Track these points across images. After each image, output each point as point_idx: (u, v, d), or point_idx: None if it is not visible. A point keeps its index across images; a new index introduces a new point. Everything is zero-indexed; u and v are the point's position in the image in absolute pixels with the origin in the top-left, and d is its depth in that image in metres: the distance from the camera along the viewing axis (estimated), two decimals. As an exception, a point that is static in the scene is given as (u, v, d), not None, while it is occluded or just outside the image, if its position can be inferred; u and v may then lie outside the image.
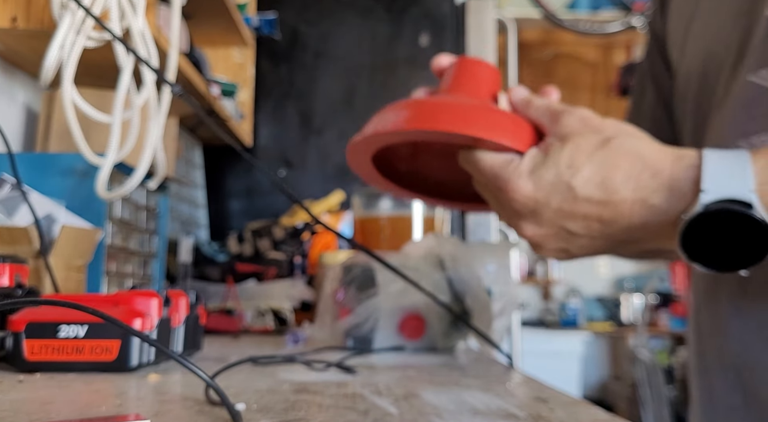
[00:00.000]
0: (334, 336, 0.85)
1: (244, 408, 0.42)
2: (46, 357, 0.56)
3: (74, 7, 0.86)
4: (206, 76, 1.48)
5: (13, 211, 0.89)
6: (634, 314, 4.65)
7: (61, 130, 1.09)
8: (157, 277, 1.21)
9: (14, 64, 1.13)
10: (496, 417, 0.40)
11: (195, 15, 1.47)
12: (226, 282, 1.28)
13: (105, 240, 0.99)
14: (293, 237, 1.38)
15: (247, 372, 0.60)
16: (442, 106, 0.52)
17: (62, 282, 0.82)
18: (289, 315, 1.24)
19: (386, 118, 0.53)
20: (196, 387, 0.49)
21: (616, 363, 4.72)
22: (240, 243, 1.39)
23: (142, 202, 1.14)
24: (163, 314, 0.61)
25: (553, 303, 4.93)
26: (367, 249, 0.64)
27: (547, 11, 2.49)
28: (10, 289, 0.66)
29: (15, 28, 0.96)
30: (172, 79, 1.01)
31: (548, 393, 0.50)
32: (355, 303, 0.83)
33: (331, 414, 0.40)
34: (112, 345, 0.56)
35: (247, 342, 1.01)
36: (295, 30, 2.02)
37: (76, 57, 0.87)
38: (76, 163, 0.97)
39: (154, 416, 0.39)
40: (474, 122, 0.51)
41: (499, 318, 0.86)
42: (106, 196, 0.91)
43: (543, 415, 0.41)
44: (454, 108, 0.52)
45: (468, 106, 0.53)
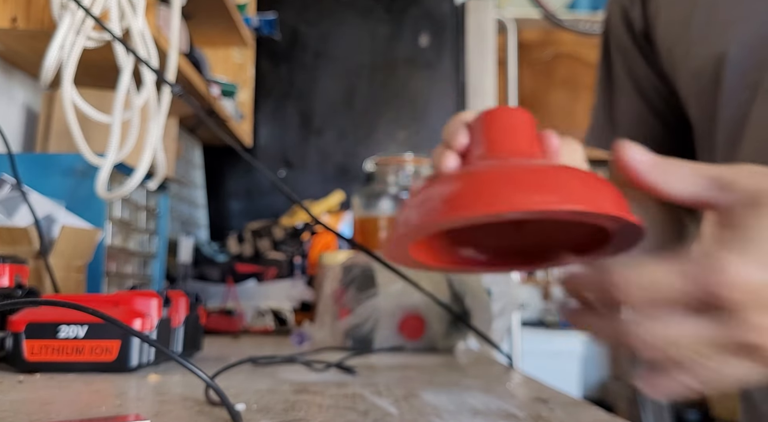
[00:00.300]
0: (334, 336, 0.85)
1: (244, 408, 0.42)
2: (46, 358, 0.56)
3: (74, 8, 0.86)
4: (206, 76, 1.48)
5: (13, 211, 0.89)
6: (634, 314, 4.65)
7: (60, 130, 1.09)
8: (157, 278, 1.21)
9: (14, 64, 1.13)
10: (496, 417, 0.40)
11: (195, 15, 1.48)
12: (226, 283, 1.28)
13: (105, 240, 0.99)
14: (293, 238, 1.38)
15: (247, 372, 0.60)
16: (515, 177, 0.38)
17: (62, 283, 0.82)
18: (289, 316, 1.24)
19: (444, 200, 0.39)
20: (196, 388, 0.49)
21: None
22: (240, 244, 1.39)
23: (142, 202, 1.14)
24: (163, 314, 0.61)
25: (553, 303, 4.93)
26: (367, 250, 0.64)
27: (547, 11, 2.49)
28: (10, 290, 0.66)
29: (15, 28, 0.96)
30: (172, 79, 1.01)
31: (548, 393, 0.50)
32: (355, 303, 0.83)
33: (331, 414, 0.40)
34: (112, 346, 0.56)
35: (247, 342, 1.01)
36: (295, 30, 2.02)
37: (75, 57, 0.87)
38: (76, 164, 0.97)
39: (154, 416, 0.39)
40: (572, 192, 0.38)
41: (499, 319, 0.86)
42: (106, 197, 0.91)
43: (543, 415, 0.41)
44: (532, 177, 0.38)
45: (550, 170, 0.39)
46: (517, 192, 0.37)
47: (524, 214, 0.39)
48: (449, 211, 0.38)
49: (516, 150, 0.44)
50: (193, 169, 1.76)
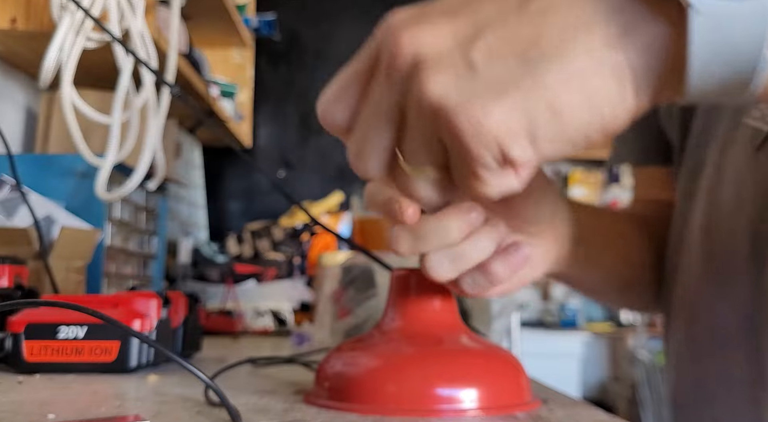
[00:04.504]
0: (333, 336, 0.85)
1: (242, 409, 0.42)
2: (46, 358, 0.56)
3: (73, 9, 0.86)
4: (205, 77, 1.48)
5: (12, 212, 0.89)
6: (634, 315, 4.65)
7: (60, 131, 1.09)
8: (156, 278, 1.21)
9: (14, 65, 1.13)
10: (495, 417, 0.40)
11: (194, 16, 1.48)
12: (226, 283, 1.28)
13: (104, 241, 0.99)
14: (292, 238, 1.38)
15: (246, 372, 0.60)
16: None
17: (62, 283, 0.82)
18: (289, 316, 1.24)
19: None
20: (195, 388, 0.49)
21: (616, 364, 4.73)
22: (239, 244, 1.39)
23: (142, 202, 1.14)
24: (163, 315, 0.61)
25: (553, 303, 4.93)
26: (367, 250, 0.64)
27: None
28: (10, 290, 0.65)
29: (14, 29, 0.96)
30: (172, 80, 1.01)
31: (548, 393, 0.50)
32: (355, 304, 0.83)
33: (330, 415, 0.40)
34: (112, 346, 0.56)
35: (247, 343, 1.01)
36: (295, 31, 2.02)
37: (75, 58, 0.87)
38: (76, 164, 0.97)
39: (153, 417, 0.39)
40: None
41: (499, 319, 0.86)
42: (105, 197, 0.91)
43: (543, 416, 0.41)
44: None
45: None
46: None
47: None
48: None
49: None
50: (192, 169, 1.76)
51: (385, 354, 0.43)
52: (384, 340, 0.44)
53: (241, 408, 0.41)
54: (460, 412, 0.40)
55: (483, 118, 0.29)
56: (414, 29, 0.31)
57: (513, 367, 0.44)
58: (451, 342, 0.44)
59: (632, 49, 0.29)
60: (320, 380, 0.45)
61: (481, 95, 0.29)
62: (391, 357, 0.42)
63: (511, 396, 0.42)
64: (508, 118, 0.29)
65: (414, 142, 0.33)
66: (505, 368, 0.43)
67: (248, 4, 1.84)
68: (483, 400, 0.40)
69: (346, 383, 0.42)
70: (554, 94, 0.29)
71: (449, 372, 0.41)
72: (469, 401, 0.40)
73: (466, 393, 0.40)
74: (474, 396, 0.40)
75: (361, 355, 0.43)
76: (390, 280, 0.47)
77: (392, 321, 0.45)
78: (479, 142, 0.30)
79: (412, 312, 0.45)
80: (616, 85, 0.30)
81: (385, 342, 0.44)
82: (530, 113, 0.29)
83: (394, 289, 0.47)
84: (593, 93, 0.29)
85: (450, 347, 0.44)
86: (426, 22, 0.31)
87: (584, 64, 0.29)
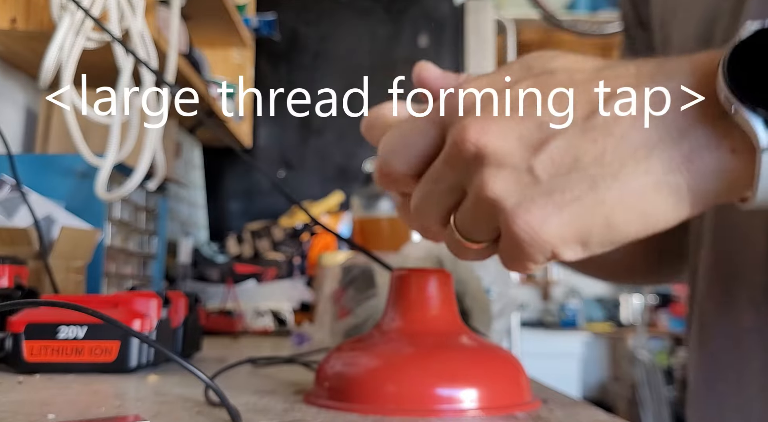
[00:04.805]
0: (333, 336, 0.85)
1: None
2: (46, 359, 0.56)
3: (73, 8, 0.86)
4: (205, 77, 1.48)
5: (12, 212, 0.89)
6: (634, 315, 4.65)
7: (60, 131, 1.09)
8: (156, 278, 1.21)
9: (14, 65, 1.13)
10: (495, 417, 0.40)
11: (194, 16, 1.47)
12: (226, 283, 1.28)
13: (104, 241, 0.99)
14: (292, 238, 1.38)
15: (246, 372, 0.60)
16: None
17: (62, 283, 0.82)
18: (289, 316, 1.24)
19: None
20: (195, 388, 0.49)
21: (616, 364, 4.73)
22: (239, 244, 1.39)
23: (142, 202, 1.14)
24: (163, 315, 0.61)
25: (553, 303, 4.93)
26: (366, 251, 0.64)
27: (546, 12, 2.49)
28: (10, 290, 0.65)
29: (14, 29, 0.96)
30: (172, 80, 1.01)
31: (548, 393, 0.50)
32: (355, 303, 0.83)
33: (330, 415, 0.40)
34: (112, 346, 0.56)
35: (247, 343, 1.01)
36: (295, 31, 2.02)
37: (75, 58, 0.87)
38: (76, 164, 0.97)
39: (153, 417, 0.39)
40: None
41: (499, 319, 0.86)
42: (105, 197, 0.91)
43: (542, 416, 0.41)
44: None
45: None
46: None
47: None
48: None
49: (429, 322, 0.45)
50: (192, 169, 1.76)
51: (385, 354, 0.43)
52: (384, 340, 0.45)
53: (241, 408, 0.41)
54: (460, 412, 0.40)
55: (540, 228, 0.31)
56: (482, 124, 0.33)
57: (513, 367, 0.44)
58: (451, 342, 0.44)
59: (694, 174, 0.30)
60: (320, 380, 0.45)
61: (540, 204, 0.31)
62: (391, 357, 0.42)
63: (511, 396, 0.42)
64: (565, 231, 0.31)
65: (468, 221, 0.35)
66: (505, 368, 0.44)
67: (248, 4, 1.84)
68: (483, 400, 0.41)
69: (346, 383, 0.42)
70: (612, 210, 0.31)
71: (449, 372, 0.41)
72: (469, 401, 0.40)
73: (466, 393, 0.40)
74: (474, 396, 0.40)
75: (361, 355, 0.43)
76: (390, 280, 0.47)
77: (392, 321, 0.46)
78: (533, 246, 0.32)
79: (412, 312, 0.45)
80: (674, 203, 0.31)
81: (385, 342, 0.44)
82: (586, 226, 0.31)
83: (394, 289, 0.47)
84: (650, 211, 0.31)
85: (450, 347, 0.44)
86: (493, 120, 0.33)
87: (644, 185, 0.31)
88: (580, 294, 4.83)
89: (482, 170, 0.32)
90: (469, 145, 0.32)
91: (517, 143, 0.32)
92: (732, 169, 0.30)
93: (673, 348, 4.39)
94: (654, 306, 4.56)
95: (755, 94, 0.29)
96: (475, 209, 0.34)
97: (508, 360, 0.44)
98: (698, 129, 0.30)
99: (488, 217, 0.33)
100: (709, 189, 0.31)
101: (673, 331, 4.39)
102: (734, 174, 0.30)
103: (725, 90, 0.29)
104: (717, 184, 0.31)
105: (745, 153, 0.30)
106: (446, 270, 0.49)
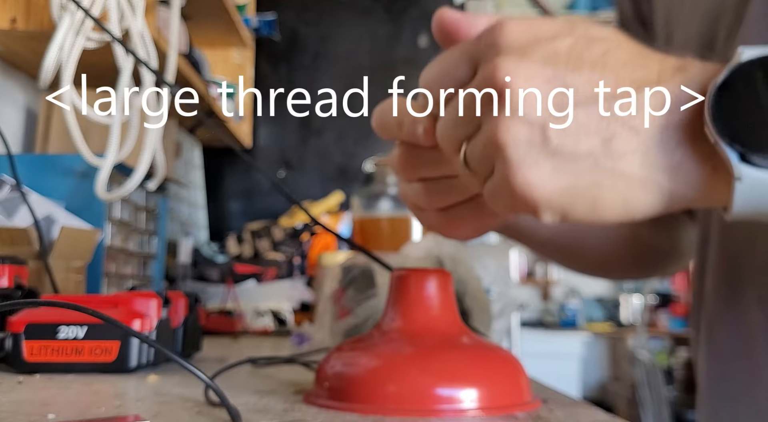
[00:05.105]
0: (333, 336, 0.85)
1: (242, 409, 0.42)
2: (46, 358, 0.56)
3: (73, 8, 0.86)
4: (205, 77, 1.48)
5: (12, 212, 0.89)
6: (634, 315, 4.66)
7: (60, 131, 1.09)
8: (156, 278, 1.21)
9: (14, 65, 1.13)
10: (495, 417, 0.40)
11: (194, 16, 1.48)
12: (226, 283, 1.28)
13: (104, 241, 0.99)
14: (292, 238, 1.38)
15: (246, 372, 0.60)
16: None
17: (62, 283, 0.82)
18: (289, 316, 1.24)
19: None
20: (195, 388, 0.49)
21: (616, 364, 4.73)
22: (239, 244, 1.39)
23: (142, 202, 1.14)
24: (163, 315, 0.61)
25: (553, 303, 4.94)
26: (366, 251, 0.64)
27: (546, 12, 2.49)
28: (10, 290, 0.65)
29: (14, 29, 0.96)
30: (172, 80, 1.01)
31: (548, 393, 0.50)
32: (355, 303, 0.83)
33: (330, 415, 0.40)
34: (112, 346, 0.56)
35: (247, 343, 1.01)
36: (295, 31, 2.02)
37: (75, 58, 0.87)
38: (76, 164, 0.97)
39: (153, 417, 0.39)
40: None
41: (499, 319, 0.86)
42: (105, 197, 0.91)
43: (542, 416, 0.41)
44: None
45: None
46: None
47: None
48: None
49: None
50: (192, 169, 1.76)
51: (385, 354, 0.43)
52: (384, 340, 0.45)
53: (241, 408, 0.41)
54: (460, 412, 0.40)
55: (534, 187, 0.33)
56: (515, 65, 0.34)
57: (513, 367, 0.44)
58: (451, 342, 0.44)
59: (678, 181, 0.33)
60: (320, 380, 0.45)
61: (542, 166, 0.33)
62: (391, 357, 0.42)
63: (511, 396, 0.42)
64: (555, 198, 0.33)
65: (475, 154, 0.36)
66: (505, 368, 0.44)
67: (248, 4, 1.84)
68: (483, 400, 0.41)
69: (346, 383, 0.42)
70: (601, 193, 0.33)
71: (449, 372, 0.41)
72: (469, 401, 0.40)
73: (466, 393, 0.40)
74: (474, 396, 0.40)
75: (361, 355, 0.43)
76: (390, 280, 0.47)
77: (392, 321, 0.46)
78: (520, 200, 0.34)
79: (412, 312, 0.45)
80: (653, 201, 0.34)
81: (385, 342, 0.44)
82: (575, 199, 0.34)
83: (394, 289, 0.47)
84: (632, 201, 0.34)
85: (450, 347, 0.44)
86: (527, 66, 0.34)
87: (635, 178, 0.33)
88: (580, 294, 4.84)
89: (500, 113, 0.33)
90: (498, 83, 0.33)
91: (542, 98, 0.33)
92: (711, 184, 0.33)
93: (673, 348, 4.39)
94: (654, 306, 4.56)
95: (733, 131, 0.32)
96: (483, 146, 0.35)
97: (508, 360, 0.44)
98: (690, 143, 0.33)
99: (490, 157, 0.34)
100: (687, 196, 0.34)
101: (673, 331, 4.39)
102: (712, 189, 0.33)
103: (708, 122, 0.32)
104: (695, 193, 0.34)
105: (724, 174, 0.32)
106: (446, 270, 0.49)
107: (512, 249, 0.94)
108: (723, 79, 0.32)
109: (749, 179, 0.32)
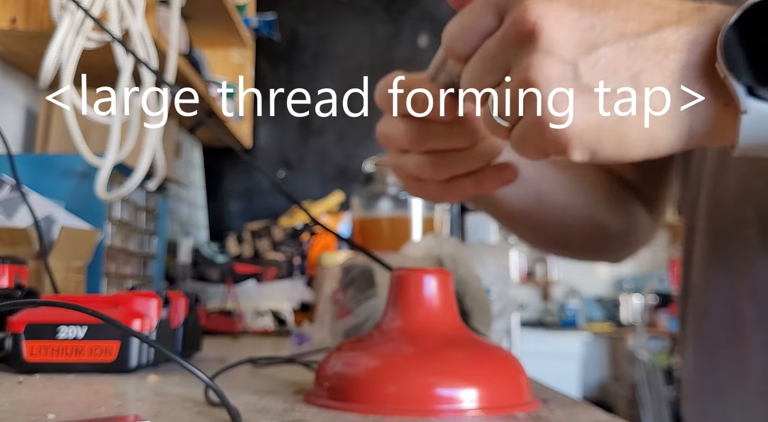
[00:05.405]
0: (333, 336, 0.85)
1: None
2: (46, 359, 0.56)
3: (73, 8, 0.86)
4: (205, 77, 1.48)
5: (12, 212, 0.89)
6: (634, 315, 4.66)
7: (60, 131, 1.09)
8: (156, 278, 1.21)
9: (14, 65, 1.13)
10: (495, 417, 0.40)
11: (194, 16, 1.48)
12: (226, 283, 1.28)
13: (104, 241, 0.99)
14: (292, 238, 1.38)
15: (246, 372, 0.60)
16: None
17: (62, 283, 0.82)
18: (289, 316, 1.24)
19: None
20: (195, 388, 0.49)
21: (616, 364, 4.73)
22: (239, 244, 1.39)
23: (142, 202, 1.14)
24: (163, 315, 0.61)
25: (553, 303, 4.93)
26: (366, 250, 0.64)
27: None
28: (10, 290, 0.65)
29: (14, 29, 0.96)
30: (172, 80, 1.01)
31: (548, 393, 0.50)
32: (355, 303, 0.83)
33: (330, 415, 0.40)
34: (112, 346, 0.56)
35: (247, 343, 1.01)
36: (294, 31, 2.02)
37: (75, 58, 0.87)
38: (76, 164, 0.97)
39: (153, 417, 0.39)
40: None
41: (499, 319, 0.86)
42: (105, 197, 0.91)
43: (542, 416, 0.41)
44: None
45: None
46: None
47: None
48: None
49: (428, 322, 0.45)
50: (192, 169, 1.76)
51: (385, 354, 0.43)
52: (384, 340, 0.45)
53: (241, 408, 0.41)
54: (460, 412, 0.40)
55: (565, 124, 0.34)
56: (545, 7, 0.35)
57: (513, 367, 0.44)
58: (451, 342, 0.44)
59: (696, 117, 0.35)
60: (320, 380, 0.45)
61: (573, 103, 0.34)
62: (391, 357, 0.42)
63: (511, 396, 0.42)
64: (586, 134, 0.35)
65: (502, 97, 0.37)
66: (505, 368, 0.43)
67: (248, 4, 1.84)
68: (483, 400, 0.41)
69: (346, 383, 0.42)
70: (629, 129, 0.35)
71: (449, 372, 0.41)
72: (469, 401, 0.40)
73: (466, 393, 0.40)
74: (474, 396, 0.40)
75: (361, 355, 0.43)
76: (390, 280, 0.47)
77: (392, 321, 0.46)
78: (553, 137, 0.35)
79: (412, 312, 0.45)
80: (675, 137, 0.35)
81: (385, 342, 0.44)
82: (605, 135, 0.35)
83: (394, 289, 0.47)
84: (657, 138, 0.35)
85: (450, 347, 0.44)
86: (557, 8, 0.35)
87: (661, 115, 0.34)
88: (580, 294, 4.83)
89: (531, 54, 0.34)
90: (528, 24, 0.34)
91: (572, 37, 0.34)
92: (723, 120, 0.35)
93: (673, 348, 4.39)
94: (654, 306, 4.56)
95: (742, 67, 0.34)
96: (514, 88, 0.36)
97: (508, 360, 0.44)
98: (705, 80, 0.35)
99: (521, 99, 0.35)
100: (705, 132, 0.35)
101: (673, 331, 4.39)
102: (724, 125, 0.35)
103: (719, 57, 0.34)
104: (709, 129, 0.35)
105: (733, 110, 0.34)
106: (446, 270, 0.49)
107: (512, 249, 0.94)
108: (736, 17, 0.33)
109: (755, 111, 0.33)
